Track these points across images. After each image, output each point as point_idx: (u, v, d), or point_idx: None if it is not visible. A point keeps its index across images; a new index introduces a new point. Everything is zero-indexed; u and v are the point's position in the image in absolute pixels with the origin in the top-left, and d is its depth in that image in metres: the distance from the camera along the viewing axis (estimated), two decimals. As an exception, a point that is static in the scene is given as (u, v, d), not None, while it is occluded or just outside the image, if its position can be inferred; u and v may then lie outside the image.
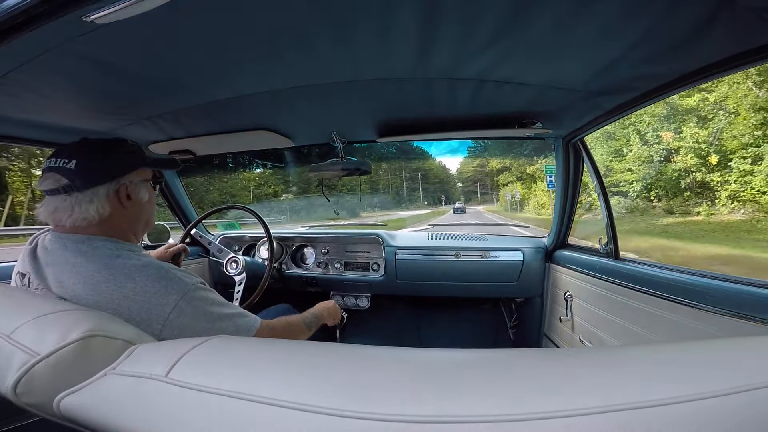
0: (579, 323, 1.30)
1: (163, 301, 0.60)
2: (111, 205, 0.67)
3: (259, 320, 0.72)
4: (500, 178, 26.24)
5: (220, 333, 0.64)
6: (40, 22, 0.47)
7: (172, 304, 0.60)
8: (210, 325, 0.64)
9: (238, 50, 0.69)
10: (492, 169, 34.62)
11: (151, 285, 0.60)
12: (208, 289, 0.68)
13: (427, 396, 0.27)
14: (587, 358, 0.32)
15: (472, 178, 40.11)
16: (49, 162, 0.65)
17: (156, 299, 0.59)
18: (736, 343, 0.32)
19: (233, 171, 13.11)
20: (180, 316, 0.60)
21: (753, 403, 0.23)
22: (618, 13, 0.57)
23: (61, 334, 0.41)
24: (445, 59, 0.75)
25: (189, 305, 0.62)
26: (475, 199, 38.35)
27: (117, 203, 0.68)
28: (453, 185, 43.42)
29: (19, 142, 1.11)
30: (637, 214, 11.54)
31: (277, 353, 0.37)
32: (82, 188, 0.64)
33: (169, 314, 0.59)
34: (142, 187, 0.73)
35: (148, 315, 0.59)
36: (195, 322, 0.62)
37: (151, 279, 0.61)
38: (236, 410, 0.28)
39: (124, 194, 0.69)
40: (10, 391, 0.38)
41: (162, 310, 0.59)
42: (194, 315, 0.62)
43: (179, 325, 0.60)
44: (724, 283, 0.77)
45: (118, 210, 0.68)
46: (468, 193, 39.98)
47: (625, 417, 0.23)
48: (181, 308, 0.61)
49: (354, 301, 1.80)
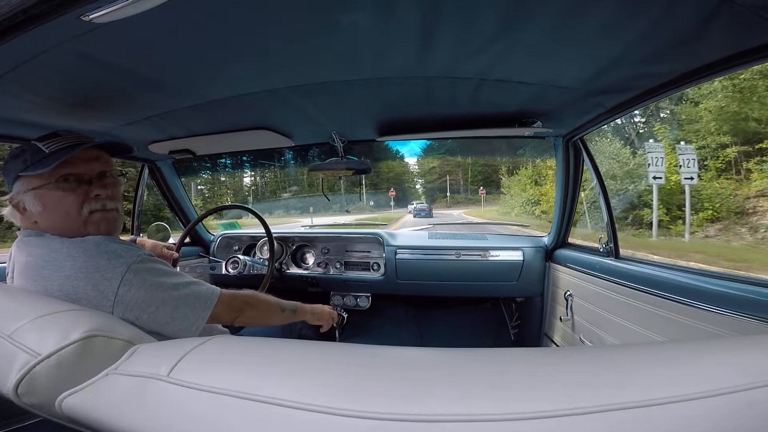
0: (579, 323, 1.30)
1: (108, 275, 0.57)
2: (22, 217, 0.66)
3: (218, 289, 0.70)
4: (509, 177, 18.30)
5: (179, 302, 0.62)
6: (39, 21, 0.47)
7: (118, 277, 0.57)
8: (165, 294, 0.61)
9: (238, 49, 0.69)
10: (466, 163, 25.05)
11: (92, 261, 0.58)
12: (156, 260, 0.65)
13: (427, 395, 0.27)
14: (588, 357, 0.32)
15: (438, 170, 28.13)
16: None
17: (100, 275, 0.57)
18: (737, 342, 0.32)
19: (242, 169, 12.89)
20: (130, 289, 0.57)
21: (753, 402, 0.23)
22: (617, 12, 0.57)
23: (62, 334, 0.41)
24: (446, 58, 0.75)
25: (136, 276, 0.58)
26: (442, 199, 27.20)
27: (23, 215, 0.66)
28: (411, 181, 30.16)
29: (18, 142, 1.11)
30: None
31: (279, 353, 0.37)
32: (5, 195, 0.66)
33: (117, 288, 0.57)
34: (27, 197, 0.64)
35: (95, 292, 0.56)
36: (148, 295, 0.59)
37: (91, 255, 0.59)
38: (238, 409, 0.28)
39: (21, 207, 0.65)
40: (12, 392, 0.38)
41: (109, 285, 0.57)
42: (144, 287, 0.59)
43: (132, 299, 0.57)
44: (724, 282, 0.77)
45: (30, 218, 0.66)
46: (432, 190, 28.21)
47: (626, 416, 0.23)
48: (129, 280, 0.57)
49: (354, 300, 1.80)
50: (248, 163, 11.04)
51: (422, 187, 29.53)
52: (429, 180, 29.16)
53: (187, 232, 1.58)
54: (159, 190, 1.77)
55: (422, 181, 29.67)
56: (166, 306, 0.61)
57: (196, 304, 0.64)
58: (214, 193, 16.32)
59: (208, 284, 0.70)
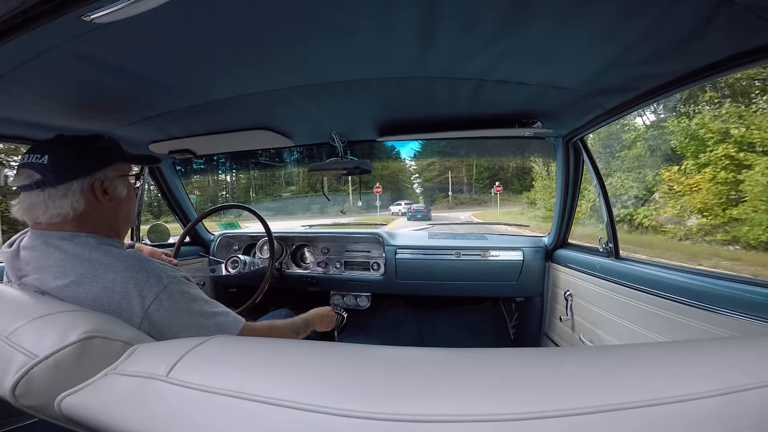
0: (579, 323, 1.30)
1: (144, 292, 0.58)
2: (86, 200, 0.65)
3: (242, 321, 0.71)
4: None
5: (201, 330, 0.63)
6: (39, 21, 0.47)
7: (152, 296, 0.58)
8: (191, 320, 0.62)
9: (238, 50, 0.69)
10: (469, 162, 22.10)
11: (132, 276, 0.59)
12: (191, 284, 0.66)
13: (426, 395, 0.27)
14: (587, 357, 0.32)
15: (438, 166, 24.56)
16: (23, 158, 0.64)
17: (136, 291, 0.58)
18: (737, 342, 0.32)
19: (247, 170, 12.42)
20: (159, 308, 0.59)
21: (753, 402, 0.23)
22: (617, 12, 0.57)
23: (60, 335, 0.41)
24: (446, 59, 0.75)
25: (169, 298, 0.60)
26: (443, 199, 23.76)
27: (93, 198, 0.66)
28: (408, 180, 26.34)
29: (18, 142, 1.11)
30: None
31: (278, 353, 0.37)
32: (55, 183, 0.62)
33: (149, 307, 0.58)
34: (120, 182, 0.71)
35: (128, 307, 0.57)
36: (174, 318, 0.60)
37: (131, 270, 0.59)
38: (237, 410, 0.28)
39: (100, 189, 0.67)
40: (9, 393, 0.38)
41: (142, 301, 0.58)
42: (174, 309, 0.60)
43: (158, 319, 0.59)
44: (724, 282, 0.77)
45: (94, 205, 0.66)
46: (430, 190, 24.98)
47: (626, 416, 0.23)
48: (161, 301, 0.59)
49: (354, 300, 1.80)
50: (237, 163, 10.74)
51: (420, 187, 26.17)
52: (427, 178, 25.95)
53: (187, 232, 1.58)
54: (159, 190, 1.77)
55: (420, 179, 26.38)
56: (189, 331, 0.61)
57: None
58: (208, 194, 16.06)
59: (234, 315, 0.71)
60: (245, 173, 19.68)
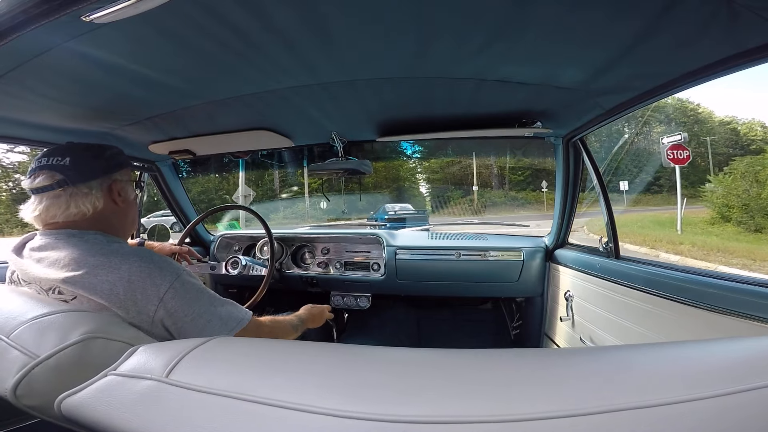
0: (579, 323, 1.30)
1: (158, 281, 0.61)
2: (104, 200, 0.69)
3: (250, 314, 0.74)
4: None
5: (213, 316, 0.66)
6: (39, 21, 0.47)
7: (167, 284, 0.61)
8: (204, 308, 0.65)
9: (238, 50, 0.69)
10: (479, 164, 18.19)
11: (146, 266, 0.61)
12: (196, 277, 0.70)
13: (427, 396, 0.27)
14: (588, 357, 0.32)
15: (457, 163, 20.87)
16: (40, 161, 0.66)
17: (151, 279, 0.61)
18: (737, 343, 0.32)
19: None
20: (174, 296, 0.61)
21: (753, 403, 0.23)
22: (617, 12, 0.57)
23: (61, 336, 0.41)
24: (444, 59, 0.75)
25: (183, 287, 0.63)
26: (443, 207, 19.83)
27: (109, 199, 0.70)
28: (414, 180, 22.45)
29: (18, 142, 1.11)
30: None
31: (277, 354, 0.37)
32: (78, 182, 0.66)
33: (165, 293, 0.60)
34: (129, 186, 0.76)
35: (144, 295, 0.59)
36: (189, 305, 0.63)
37: (145, 261, 0.62)
38: (236, 411, 0.28)
39: (116, 191, 0.71)
40: (10, 393, 0.38)
41: (158, 289, 0.60)
42: (188, 297, 0.63)
43: (174, 306, 0.61)
44: (724, 282, 0.77)
45: (110, 206, 0.70)
46: (429, 197, 21.31)
47: (626, 417, 0.23)
48: (176, 288, 0.62)
49: (354, 301, 1.80)
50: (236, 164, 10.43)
51: (428, 188, 21.87)
52: (436, 177, 22.04)
53: (187, 233, 1.58)
54: (159, 191, 1.77)
55: (426, 183, 22.54)
56: (203, 318, 0.64)
57: (228, 322, 0.68)
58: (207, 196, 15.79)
59: (243, 308, 0.74)
60: (250, 174, 19.40)
